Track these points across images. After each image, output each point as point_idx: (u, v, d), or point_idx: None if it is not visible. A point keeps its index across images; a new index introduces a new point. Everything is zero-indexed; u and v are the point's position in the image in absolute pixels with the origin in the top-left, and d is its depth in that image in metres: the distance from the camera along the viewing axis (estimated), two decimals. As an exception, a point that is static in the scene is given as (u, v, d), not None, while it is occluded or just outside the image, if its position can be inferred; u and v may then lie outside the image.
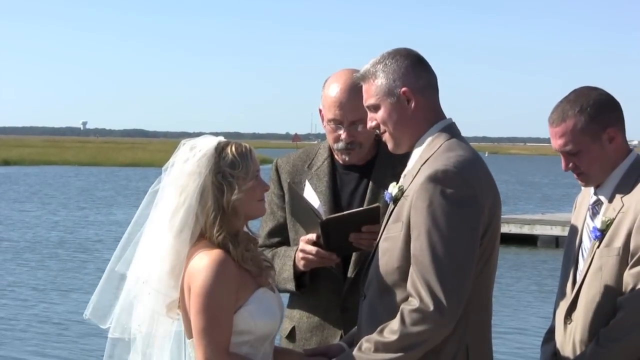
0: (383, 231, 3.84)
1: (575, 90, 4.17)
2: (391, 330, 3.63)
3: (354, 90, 4.37)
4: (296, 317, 4.54)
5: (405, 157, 3.97)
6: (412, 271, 3.64)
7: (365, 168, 4.53)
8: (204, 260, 3.73)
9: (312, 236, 4.28)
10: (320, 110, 4.56)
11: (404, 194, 3.77)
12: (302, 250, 4.32)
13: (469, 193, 3.65)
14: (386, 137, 3.90)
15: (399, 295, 3.71)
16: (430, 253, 3.60)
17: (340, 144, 4.46)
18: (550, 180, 72.14)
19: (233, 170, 3.79)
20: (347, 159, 4.50)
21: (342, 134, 4.44)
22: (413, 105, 3.82)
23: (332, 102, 4.44)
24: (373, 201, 4.44)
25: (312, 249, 4.28)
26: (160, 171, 3.96)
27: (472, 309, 3.71)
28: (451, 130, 3.85)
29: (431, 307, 3.57)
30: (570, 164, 4.13)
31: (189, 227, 3.78)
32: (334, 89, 4.45)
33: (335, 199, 4.50)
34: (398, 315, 3.63)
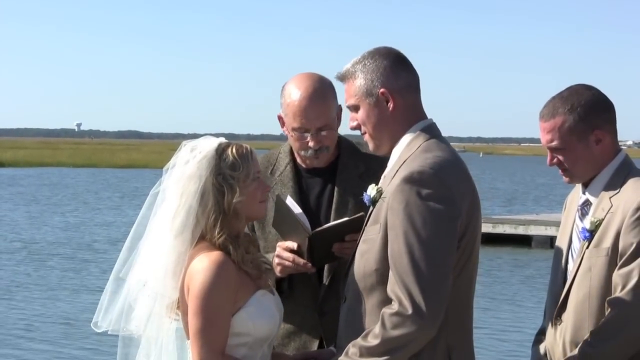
0: (362, 233, 3.82)
1: (569, 88, 4.18)
2: (374, 334, 3.61)
3: (317, 96, 4.36)
4: None
5: (369, 156, 3.95)
6: (391, 274, 3.61)
7: (329, 170, 4.49)
8: (204, 262, 3.74)
9: (292, 244, 4.26)
10: (279, 117, 4.48)
11: (382, 196, 3.73)
12: (279, 256, 4.29)
13: (445, 194, 3.61)
14: (367, 138, 3.88)
15: (377, 297, 3.68)
16: (408, 255, 3.56)
17: (310, 152, 4.42)
18: (545, 181, 72.05)
19: (233, 172, 3.80)
20: (315, 163, 4.47)
21: (310, 141, 4.39)
22: (392, 106, 3.79)
23: (297, 111, 4.37)
24: (341, 203, 4.43)
25: (289, 255, 4.26)
26: (155, 172, 3.97)
27: (452, 311, 3.67)
28: (431, 130, 3.81)
29: (410, 311, 3.53)
30: (555, 160, 4.17)
31: (190, 229, 3.80)
32: (296, 97, 4.37)
33: (302, 203, 4.43)
34: (379, 319, 3.61)
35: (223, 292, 3.72)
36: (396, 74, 3.81)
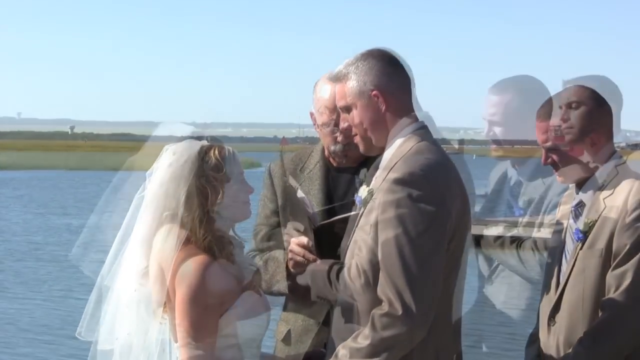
0: (352, 234, 3.82)
1: (567, 88, 4.19)
2: (364, 335, 3.61)
3: None
4: (291, 320, 4.54)
5: None
6: (381, 275, 3.61)
7: (358, 170, 4.49)
8: (189, 266, 3.73)
9: (304, 239, 4.26)
10: (311, 114, 4.54)
11: (373, 197, 3.74)
12: (291, 251, 4.29)
13: (436, 196, 3.61)
14: (358, 139, 3.88)
15: (366, 298, 3.67)
16: (398, 256, 3.57)
17: (338, 146, 4.45)
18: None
19: (217, 174, 3.80)
20: (344, 160, 4.50)
21: (339, 136, 4.43)
22: (384, 107, 3.79)
23: (326, 106, 4.43)
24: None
25: (300, 250, 4.25)
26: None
27: (441, 312, 3.67)
28: (423, 133, 3.82)
29: (400, 311, 3.53)
30: (549, 159, 4.19)
31: (175, 232, 3.78)
32: (326, 92, 4.43)
33: (328, 201, 4.48)
34: (369, 320, 3.61)
35: (210, 295, 3.71)
36: (389, 76, 3.81)
